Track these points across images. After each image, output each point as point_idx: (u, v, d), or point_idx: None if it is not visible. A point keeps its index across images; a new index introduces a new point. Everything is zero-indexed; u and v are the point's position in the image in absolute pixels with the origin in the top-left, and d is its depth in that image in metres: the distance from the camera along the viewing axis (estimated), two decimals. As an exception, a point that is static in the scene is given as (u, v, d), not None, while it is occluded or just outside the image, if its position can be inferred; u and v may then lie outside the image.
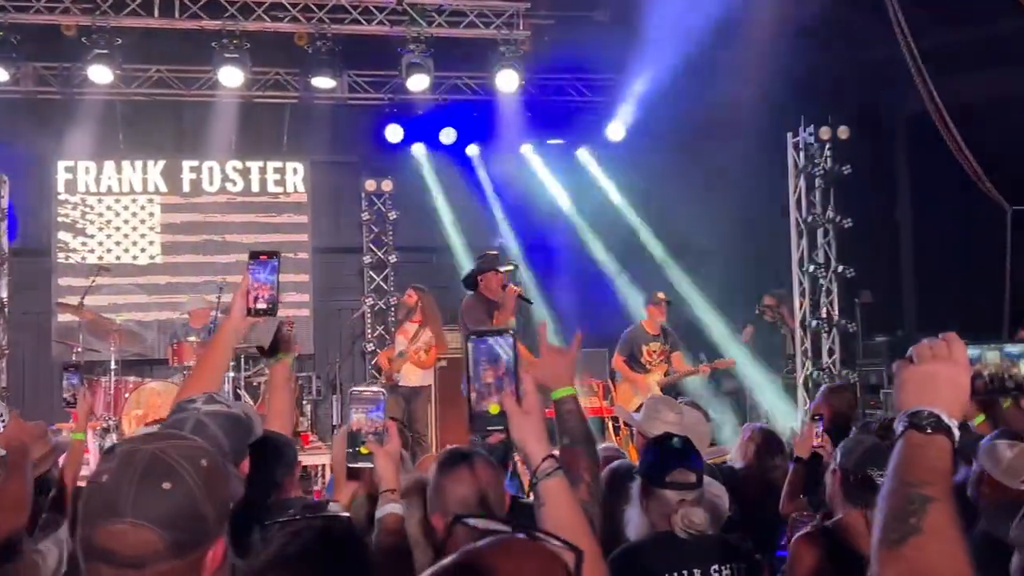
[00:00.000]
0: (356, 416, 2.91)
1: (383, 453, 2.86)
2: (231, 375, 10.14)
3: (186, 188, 12.96)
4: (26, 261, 12.48)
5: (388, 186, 13.10)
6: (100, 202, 12.71)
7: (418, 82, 11.10)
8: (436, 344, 10.02)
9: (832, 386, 7.02)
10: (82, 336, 10.52)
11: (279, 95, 12.38)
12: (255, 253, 2.98)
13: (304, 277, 13.07)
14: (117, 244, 12.72)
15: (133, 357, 11.47)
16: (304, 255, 13.12)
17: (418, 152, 13.24)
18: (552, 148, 13.43)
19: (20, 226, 12.44)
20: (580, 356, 2.85)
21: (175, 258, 12.87)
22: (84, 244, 12.62)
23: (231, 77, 10.82)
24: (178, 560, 1.67)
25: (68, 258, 12.55)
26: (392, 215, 13.17)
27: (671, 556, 3.26)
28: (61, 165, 12.58)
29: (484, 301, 7.83)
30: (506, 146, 13.04)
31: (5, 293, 11.38)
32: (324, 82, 11.27)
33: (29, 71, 11.59)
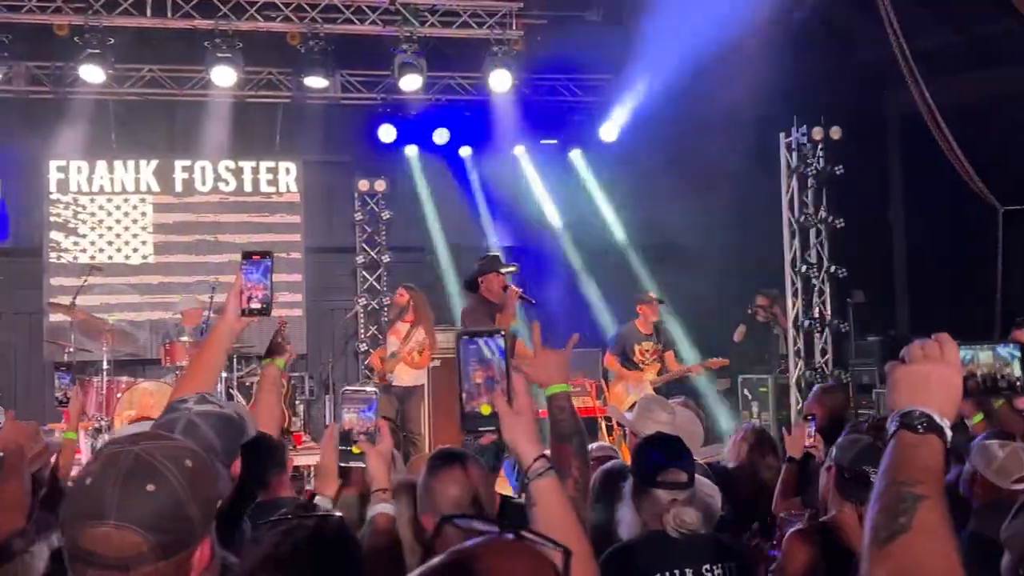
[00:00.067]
0: (348, 416, 2.90)
1: (375, 453, 2.86)
2: (224, 375, 10.12)
3: (179, 188, 12.93)
4: (18, 261, 12.48)
5: (381, 186, 13.09)
6: (92, 202, 12.67)
7: (411, 82, 11.09)
8: (428, 340, 9.97)
9: (824, 386, 7.03)
10: (74, 336, 10.49)
11: (272, 95, 12.36)
12: (248, 253, 2.97)
13: (297, 277, 13.05)
14: (109, 244, 12.69)
15: (125, 357, 11.44)
16: (297, 255, 13.10)
17: (411, 152, 13.23)
18: (545, 148, 13.43)
19: (12, 226, 12.44)
20: (572, 356, 2.85)
21: (167, 258, 12.84)
22: (76, 244, 12.58)
23: (224, 77, 10.80)
24: (163, 561, 1.66)
25: (60, 258, 12.51)
26: (385, 215, 13.16)
27: (663, 555, 3.26)
28: (53, 164, 12.54)
29: (485, 303, 7.64)
30: (499, 146, 13.03)
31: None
32: (317, 82, 11.26)
33: (21, 70, 11.55)
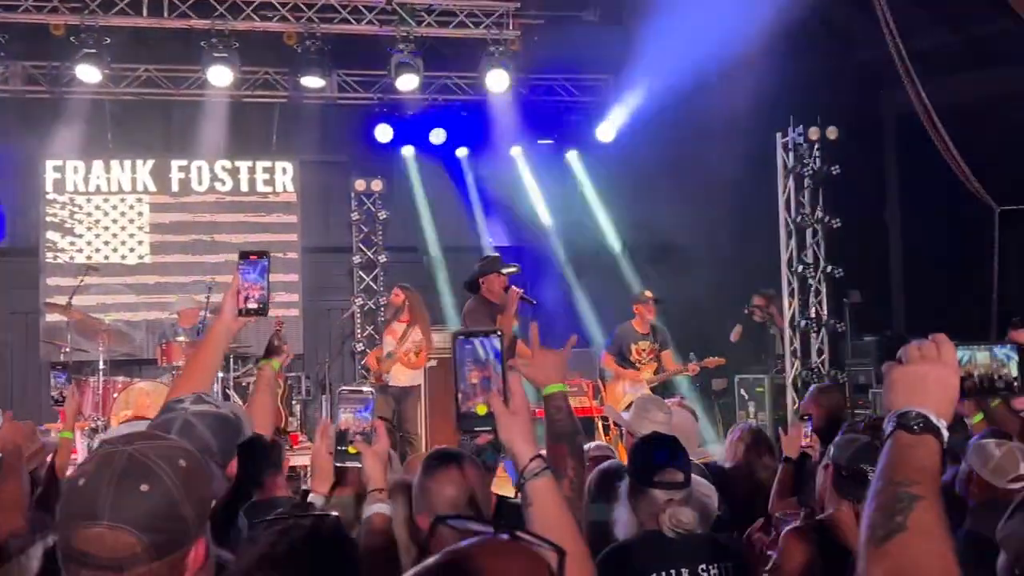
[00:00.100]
0: (344, 416, 2.90)
1: (371, 453, 2.86)
2: (220, 375, 10.11)
3: (175, 188, 12.92)
4: (14, 261, 12.46)
5: (378, 186, 13.07)
6: (89, 201, 12.66)
7: (407, 82, 11.08)
8: (424, 340, 9.96)
9: (821, 386, 7.04)
10: (70, 336, 10.47)
11: (268, 94, 12.35)
12: (245, 253, 2.96)
13: (293, 277, 13.04)
14: (106, 244, 12.67)
15: (121, 357, 11.41)
16: (293, 255, 13.09)
17: (407, 152, 13.22)
18: (541, 148, 13.42)
19: (8, 225, 12.41)
20: (570, 356, 2.86)
21: (164, 258, 12.83)
22: (72, 244, 12.57)
23: (220, 76, 10.79)
24: (157, 562, 1.66)
25: (56, 258, 12.50)
26: (382, 215, 13.14)
27: (659, 555, 3.26)
28: (49, 164, 12.52)
29: (486, 304, 7.56)
30: (495, 146, 13.01)
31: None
32: (313, 81, 11.25)
33: (17, 70, 11.55)
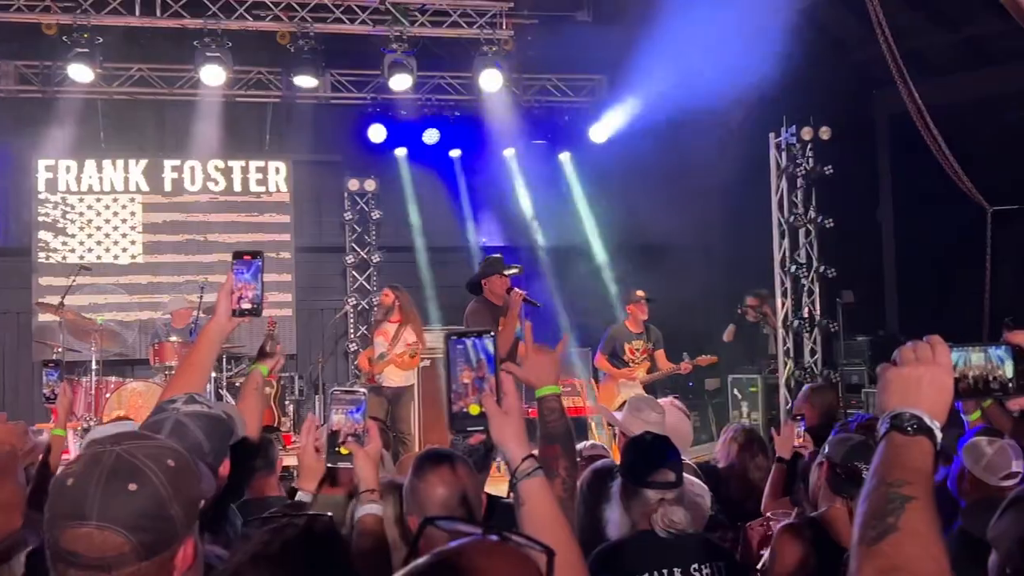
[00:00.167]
0: (336, 417, 2.90)
1: (363, 454, 2.85)
2: (213, 375, 10.08)
3: (168, 187, 12.90)
4: (6, 260, 12.45)
5: (371, 186, 13.08)
6: (81, 201, 12.64)
7: (401, 81, 11.07)
8: (417, 340, 9.93)
9: (814, 386, 7.04)
10: (62, 336, 10.43)
11: (261, 94, 12.34)
12: (239, 253, 2.96)
13: (287, 277, 13.04)
14: (98, 244, 12.65)
15: (114, 357, 11.41)
16: (287, 255, 13.08)
17: (401, 152, 13.20)
18: (535, 148, 13.42)
19: (0, 225, 12.39)
20: (563, 356, 2.86)
21: (157, 258, 12.82)
22: (65, 244, 12.55)
23: (213, 76, 10.77)
24: (145, 562, 1.66)
25: (49, 257, 12.47)
26: (375, 215, 13.15)
27: (651, 555, 3.26)
28: (42, 164, 12.50)
29: (489, 306, 7.46)
30: (488, 146, 13.00)
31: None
32: (306, 81, 11.23)
33: (10, 69, 11.54)
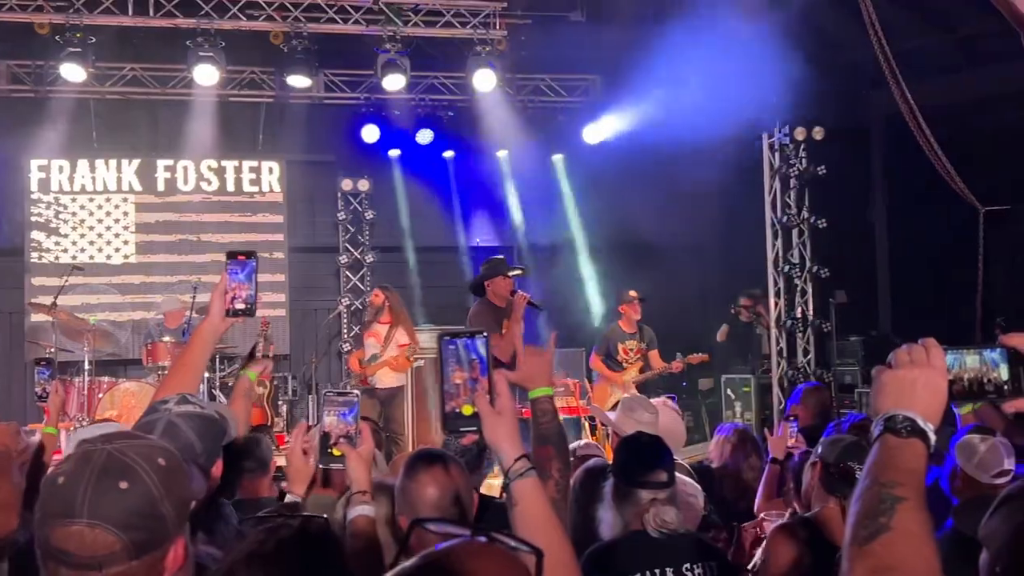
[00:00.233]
0: (328, 419, 2.90)
1: (355, 455, 2.86)
2: (206, 375, 10.08)
3: (161, 187, 12.89)
4: (-1, 260, 12.42)
5: (364, 186, 13.07)
6: (74, 201, 12.62)
7: (394, 81, 11.05)
8: (411, 342, 9.90)
9: (807, 386, 7.05)
10: (55, 336, 10.42)
11: (255, 94, 12.32)
12: (233, 253, 2.94)
13: (280, 277, 13.03)
14: (91, 244, 12.63)
15: (107, 357, 11.39)
16: (280, 255, 13.07)
17: (394, 152, 13.19)
18: (528, 149, 13.41)
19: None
20: (554, 354, 2.85)
21: (149, 258, 12.80)
22: (58, 244, 12.53)
23: (206, 76, 10.73)
24: (136, 561, 1.66)
25: (41, 257, 12.45)
26: (368, 215, 13.15)
27: (644, 555, 3.26)
28: (34, 164, 12.48)
29: (492, 308, 7.37)
30: (482, 147, 13.00)
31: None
32: (300, 81, 11.20)
33: (2, 69, 11.52)
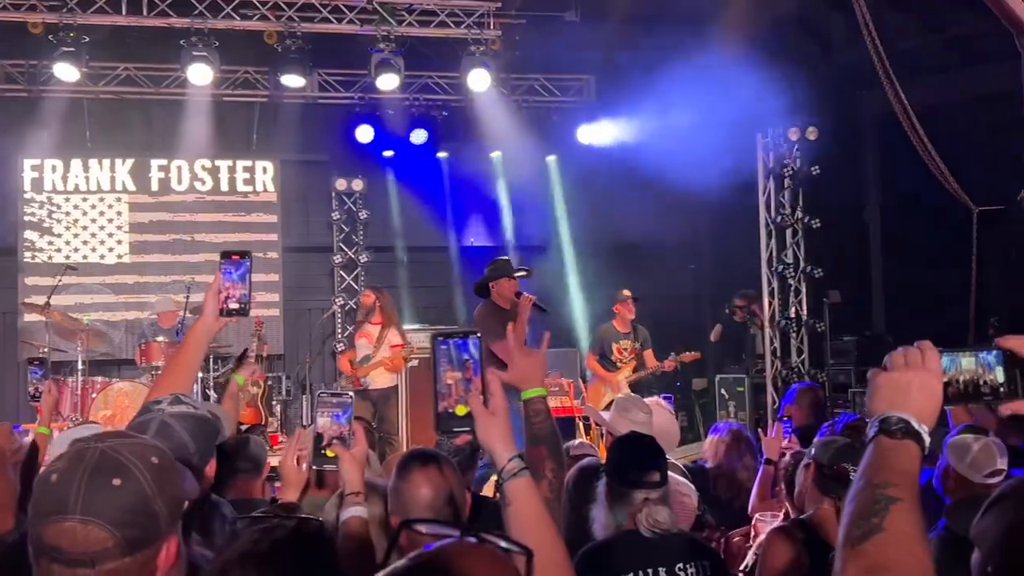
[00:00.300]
0: (322, 420, 2.90)
1: (348, 456, 2.86)
2: (200, 375, 10.06)
3: (154, 187, 12.86)
4: (-8, 260, 12.39)
5: (358, 185, 13.06)
6: (67, 201, 12.59)
7: (388, 81, 11.04)
8: (404, 342, 9.90)
9: (801, 386, 7.06)
10: (49, 336, 10.39)
11: (248, 94, 12.31)
12: (227, 253, 2.94)
13: (274, 276, 13.01)
14: (84, 243, 12.61)
15: (100, 357, 11.37)
16: (274, 254, 13.06)
17: (388, 152, 13.17)
18: (522, 148, 13.41)
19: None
20: (547, 353, 2.85)
21: (143, 257, 12.78)
22: (51, 243, 12.50)
23: (200, 75, 10.71)
24: (129, 558, 1.67)
25: (35, 257, 12.43)
26: (363, 215, 13.14)
27: (637, 555, 3.27)
28: (27, 163, 12.46)
29: (497, 310, 7.32)
30: (476, 146, 12.99)
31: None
32: (294, 80, 11.18)
33: (-5, 68, 11.49)
